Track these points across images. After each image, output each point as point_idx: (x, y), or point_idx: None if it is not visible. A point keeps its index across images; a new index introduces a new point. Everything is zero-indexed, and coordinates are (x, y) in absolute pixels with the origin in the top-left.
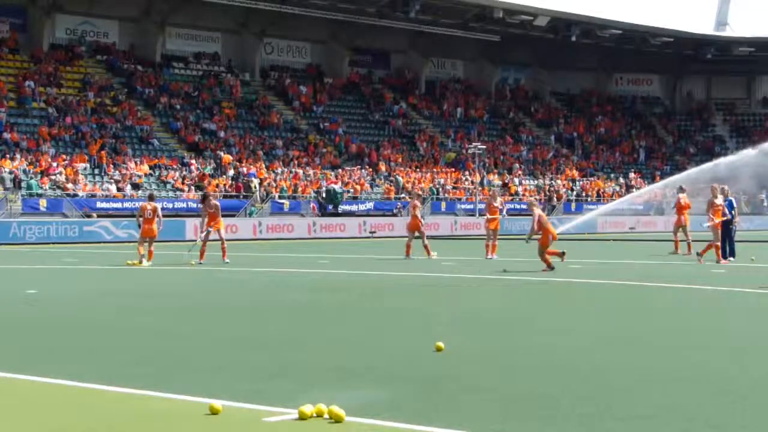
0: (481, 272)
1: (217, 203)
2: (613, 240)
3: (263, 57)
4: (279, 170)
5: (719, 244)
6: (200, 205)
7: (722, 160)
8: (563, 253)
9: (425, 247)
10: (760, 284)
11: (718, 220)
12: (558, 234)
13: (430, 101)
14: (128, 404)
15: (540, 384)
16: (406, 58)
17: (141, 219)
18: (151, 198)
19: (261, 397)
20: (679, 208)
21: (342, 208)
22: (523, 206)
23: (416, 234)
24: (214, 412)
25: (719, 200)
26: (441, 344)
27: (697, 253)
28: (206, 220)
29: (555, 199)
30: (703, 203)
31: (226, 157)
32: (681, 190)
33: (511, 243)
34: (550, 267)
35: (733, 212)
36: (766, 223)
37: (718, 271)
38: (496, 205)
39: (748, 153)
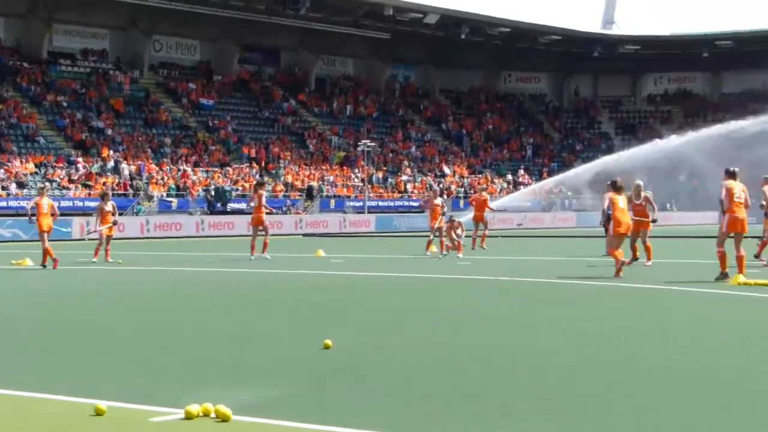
0: (372, 270)
1: (113, 203)
2: (501, 237)
3: (152, 54)
4: (167, 168)
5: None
6: (98, 204)
7: (623, 154)
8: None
9: (265, 244)
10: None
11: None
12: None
13: (320, 99)
14: (10, 406)
15: (436, 381)
16: (297, 56)
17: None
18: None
19: (149, 398)
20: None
21: (230, 206)
22: (413, 203)
23: (260, 229)
24: (99, 413)
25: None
26: (329, 342)
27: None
28: (100, 219)
29: (445, 195)
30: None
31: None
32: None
33: (403, 239)
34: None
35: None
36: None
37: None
38: (437, 202)
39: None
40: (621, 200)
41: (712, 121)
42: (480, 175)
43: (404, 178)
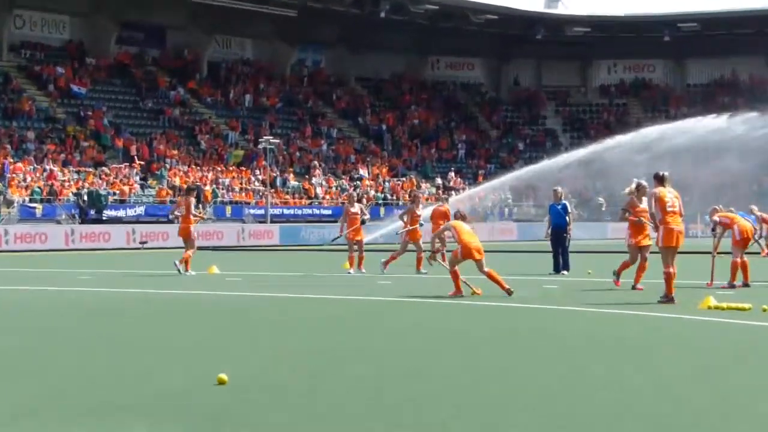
0: (271, 290)
1: None
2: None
3: (12, 32)
4: (30, 168)
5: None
6: None
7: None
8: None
9: (185, 258)
10: (590, 302)
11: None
12: (365, 243)
13: (214, 87)
14: None
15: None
16: (186, 36)
17: None
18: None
19: None
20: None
21: (107, 213)
22: (325, 212)
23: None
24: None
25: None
26: (224, 376)
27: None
28: None
29: (364, 201)
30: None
31: None
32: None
33: (313, 254)
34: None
35: (567, 218)
36: (604, 231)
37: (550, 287)
38: (354, 210)
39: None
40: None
41: (675, 116)
42: (404, 178)
43: (314, 181)
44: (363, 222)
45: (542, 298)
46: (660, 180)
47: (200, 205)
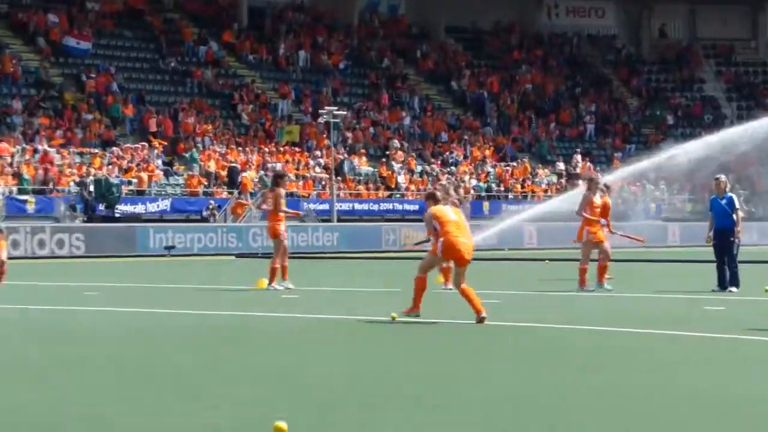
0: (334, 311)
1: None
2: (549, 260)
3: None
4: (17, 148)
5: None
6: None
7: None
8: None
9: (282, 268)
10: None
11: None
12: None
13: (257, 41)
14: None
15: None
16: None
17: None
18: None
19: None
20: None
21: (120, 208)
22: (408, 207)
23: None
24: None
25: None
26: (282, 425)
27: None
28: None
29: (460, 194)
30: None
31: None
32: None
33: (395, 263)
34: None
35: (734, 216)
36: None
37: (713, 308)
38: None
39: None
40: None
41: None
42: (513, 163)
43: (394, 166)
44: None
45: (701, 323)
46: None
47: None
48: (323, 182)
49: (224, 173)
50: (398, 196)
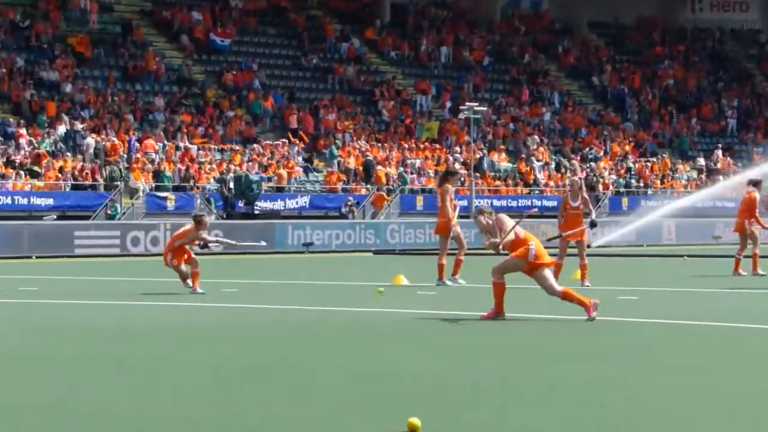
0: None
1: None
2: (687, 256)
3: None
4: (158, 146)
5: None
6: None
7: None
8: None
9: (457, 262)
10: None
11: None
12: (599, 246)
13: (400, 37)
14: None
15: None
16: None
17: None
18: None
19: None
20: None
21: (259, 205)
22: (548, 203)
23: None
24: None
25: None
26: (416, 421)
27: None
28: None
29: (599, 190)
30: None
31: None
32: None
33: None
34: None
35: None
36: None
37: None
38: (574, 205)
39: None
40: None
41: None
42: (654, 159)
43: (535, 163)
44: (593, 225)
45: None
46: None
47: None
48: (462, 178)
49: (362, 169)
50: (537, 192)
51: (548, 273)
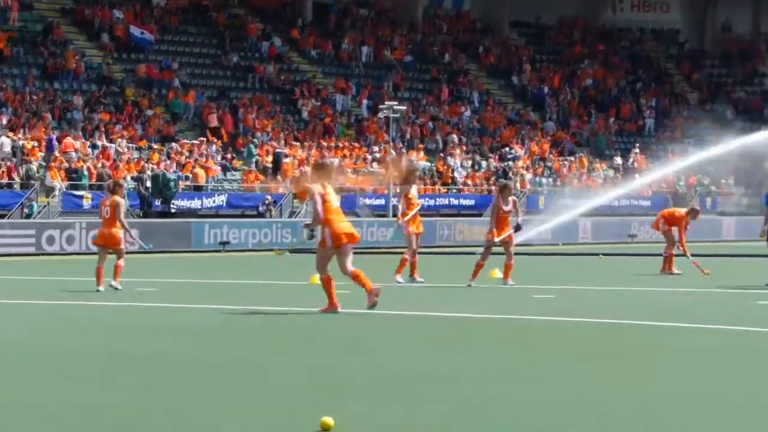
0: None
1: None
2: (603, 255)
3: None
4: (78, 143)
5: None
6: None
7: None
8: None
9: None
10: None
11: None
12: (518, 244)
13: (321, 36)
14: None
15: None
16: None
17: None
18: None
19: None
20: None
21: (176, 204)
22: (465, 202)
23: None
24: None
25: None
26: (329, 420)
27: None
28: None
29: (517, 189)
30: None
31: None
32: None
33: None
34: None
35: None
36: None
37: (766, 303)
38: (505, 209)
39: None
40: None
41: None
42: (572, 157)
43: (452, 162)
44: (518, 228)
45: (752, 319)
46: None
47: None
48: (424, 175)
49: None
50: (455, 191)
51: (348, 251)
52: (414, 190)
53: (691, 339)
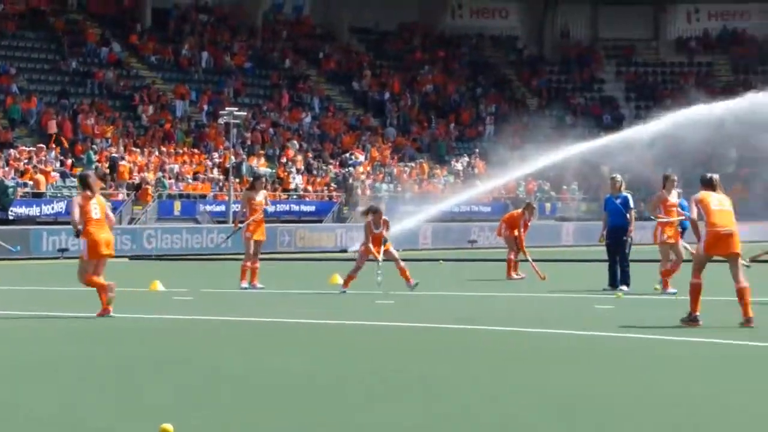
0: (228, 312)
1: None
2: (443, 261)
3: None
4: None
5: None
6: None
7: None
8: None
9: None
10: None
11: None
12: (354, 250)
13: (160, 42)
14: None
15: None
16: None
17: None
18: None
19: None
20: None
21: (14, 211)
22: (306, 208)
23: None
24: None
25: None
26: (168, 426)
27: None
28: None
29: (357, 195)
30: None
31: None
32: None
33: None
34: None
35: (629, 215)
36: None
37: (603, 307)
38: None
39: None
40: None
41: None
42: (412, 163)
43: (293, 168)
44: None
45: (591, 322)
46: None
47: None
48: (220, 184)
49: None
50: (296, 197)
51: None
52: (260, 197)
53: (532, 341)
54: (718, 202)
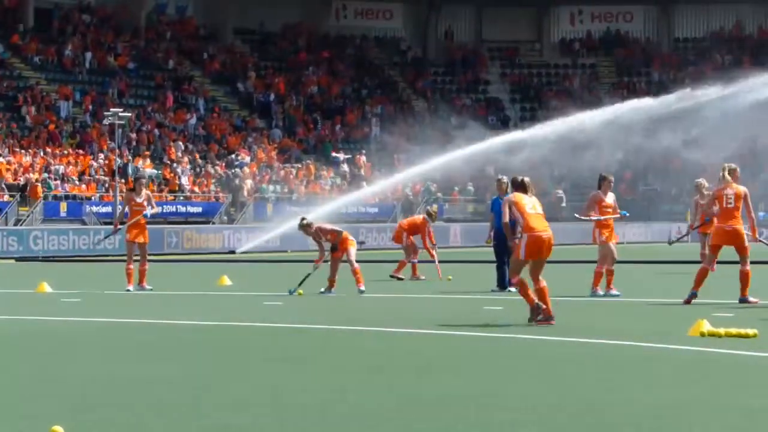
0: (119, 314)
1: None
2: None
3: None
4: None
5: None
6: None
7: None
8: None
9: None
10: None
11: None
12: (242, 251)
13: (43, 42)
14: None
15: None
16: None
17: None
18: None
19: None
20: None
21: None
22: (192, 209)
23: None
24: None
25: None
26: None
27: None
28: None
29: (244, 196)
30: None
31: None
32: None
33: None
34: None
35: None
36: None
37: (492, 308)
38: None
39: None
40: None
41: (660, 81)
42: (298, 165)
43: (179, 169)
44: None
45: (480, 323)
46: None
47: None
48: (106, 185)
49: (10, 177)
50: (182, 198)
51: None
52: (141, 198)
53: (415, 342)
54: (532, 206)
